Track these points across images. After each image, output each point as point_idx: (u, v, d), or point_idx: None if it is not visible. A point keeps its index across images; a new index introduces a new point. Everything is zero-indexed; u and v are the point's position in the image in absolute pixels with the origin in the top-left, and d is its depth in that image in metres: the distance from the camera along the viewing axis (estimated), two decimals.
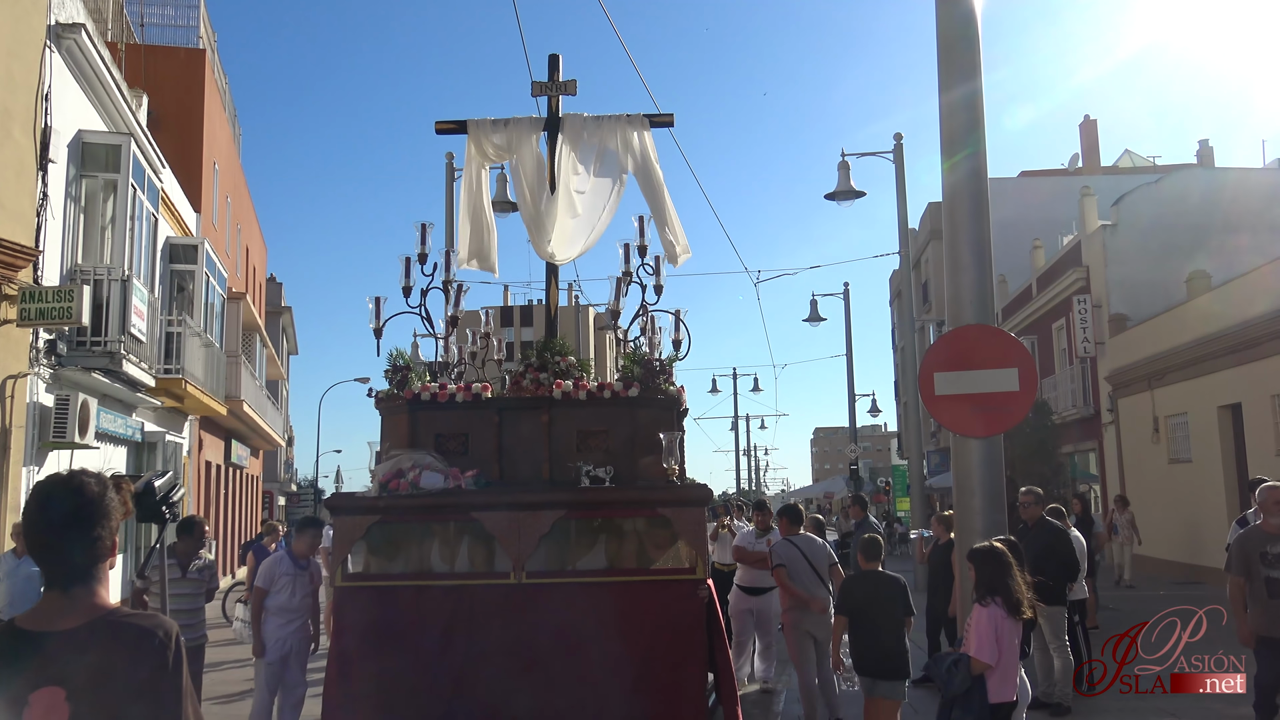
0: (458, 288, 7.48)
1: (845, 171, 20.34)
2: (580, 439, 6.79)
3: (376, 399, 7.10)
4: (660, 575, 6.57)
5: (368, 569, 6.67)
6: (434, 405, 6.86)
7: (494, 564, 6.49)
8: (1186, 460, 20.63)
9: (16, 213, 11.17)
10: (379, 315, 7.27)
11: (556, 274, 7.91)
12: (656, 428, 6.72)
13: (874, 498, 51.82)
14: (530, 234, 7.80)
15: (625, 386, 6.83)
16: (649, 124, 7.89)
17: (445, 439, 6.84)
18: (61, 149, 12.42)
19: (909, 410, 24.61)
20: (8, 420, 10.93)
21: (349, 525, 6.49)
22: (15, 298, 10.90)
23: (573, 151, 7.84)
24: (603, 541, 6.78)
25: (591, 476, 6.52)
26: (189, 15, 24.05)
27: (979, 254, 6.29)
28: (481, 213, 8.08)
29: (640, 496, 6.54)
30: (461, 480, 6.47)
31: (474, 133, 7.92)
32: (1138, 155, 41.37)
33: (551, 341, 7.33)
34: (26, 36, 11.52)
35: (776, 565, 8.39)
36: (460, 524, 6.63)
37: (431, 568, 6.70)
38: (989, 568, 5.18)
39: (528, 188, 7.77)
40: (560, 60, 8.06)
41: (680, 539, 6.48)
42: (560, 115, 7.90)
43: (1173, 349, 20.44)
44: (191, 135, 21.49)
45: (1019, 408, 5.84)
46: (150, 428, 16.84)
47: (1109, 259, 24.52)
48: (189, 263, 18.33)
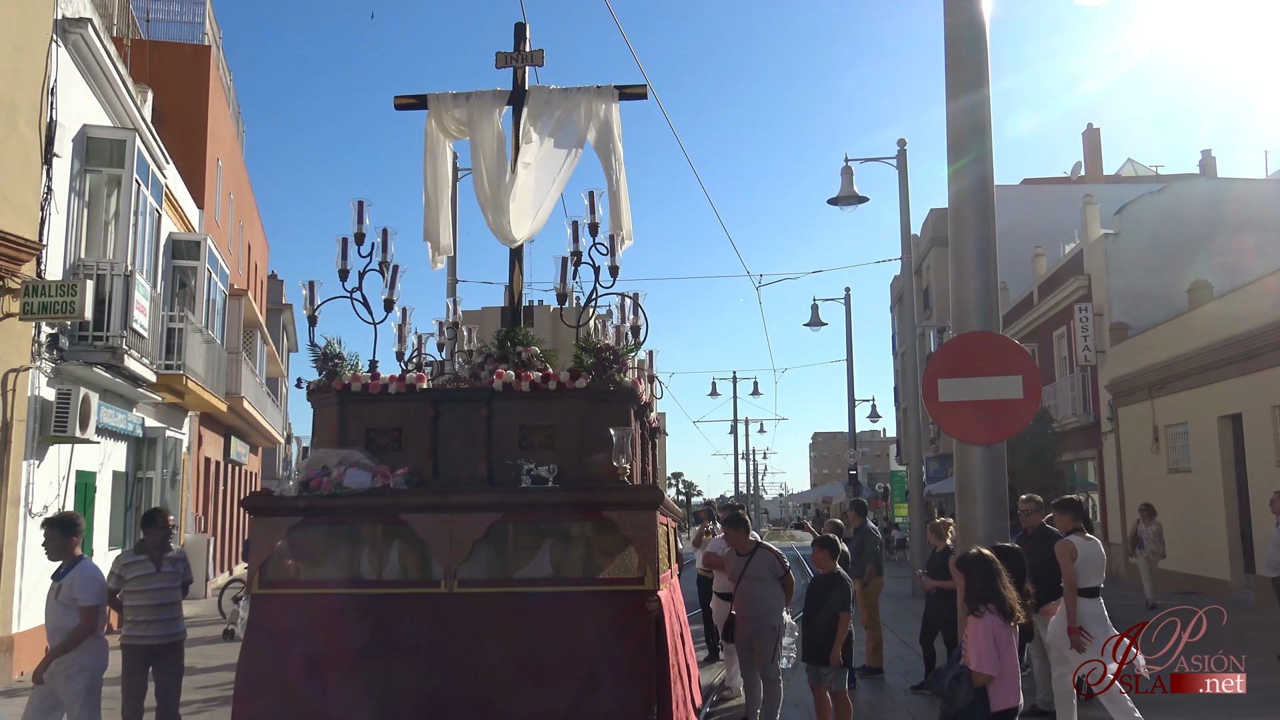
0: (394, 269, 6.94)
1: (849, 176, 20.39)
2: (523, 435, 6.28)
3: (308, 390, 6.63)
4: (606, 585, 6.00)
5: (288, 575, 6.09)
6: (365, 397, 6.36)
7: (428, 571, 5.96)
8: (1186, 470, 20.64)
9: (21, 206, 11.17)
10: (313, 300, 6.78)
11: (520, 258, 7.51)
12: (608, 423, 6.19)
13: (872, 503, 51.88)
14: (486, 215, 7.42)
15: (573, 378, 6.33)
16: (619, 95, 7.50)
17: (377, 434, 6.34)
18: (66, 143, 12.44)
19: (908, 416, 24.61)
20: (9, 414, 10.93)
21: (267, 527, 5.97)
22: (18, 291, 10.90)
23: (532, 125, 7.44)
24: (546, 548, 6.23)
25: (533, 476, 6.03)
26: (194, 11, 24.07)
27: (984, 261, 6.27)
28: (436, 193, 7.68)
29: (584, 498, 6.02)
30: (390, 479, 6.00)
31: (434, 108, 7.58)
32: (1140, 164, 41.38)
33: (514, 331, 6.89)
34: (33, 30, 11.52)
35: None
36: (389, 527, 6.09)
37: (359, 574, 6.12)
38: (978, 574, 5.14)
39: (485, 165, 7.41)
40: (527, 29, 7.64)
41: (630, 545, 5.92)
42: (526, 87, 7.51)
43: (1173, 358, 20.45)
44: (195, 131, 21.49)
45: (1023, 415, 5.84)
46: (150, 423, 16.84)
47: (1110, 268, 24.54)
48: (191, 259, 18.33)
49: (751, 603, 7.91)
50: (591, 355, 6.45)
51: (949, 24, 6.49)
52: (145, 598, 6.97)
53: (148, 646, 6.95)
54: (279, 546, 6.03)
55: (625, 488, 6.07)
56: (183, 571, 7.31)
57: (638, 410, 6.83)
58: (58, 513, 8.52)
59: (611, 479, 6.07)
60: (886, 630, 12.23)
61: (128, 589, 7.00)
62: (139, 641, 6.95)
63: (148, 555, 7.10)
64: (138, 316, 13.19)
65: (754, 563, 8.00)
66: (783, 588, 8.01)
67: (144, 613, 6.96)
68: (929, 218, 37.86)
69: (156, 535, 7.20)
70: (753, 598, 7.92)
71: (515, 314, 7.33)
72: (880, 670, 10.96)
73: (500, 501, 5.97)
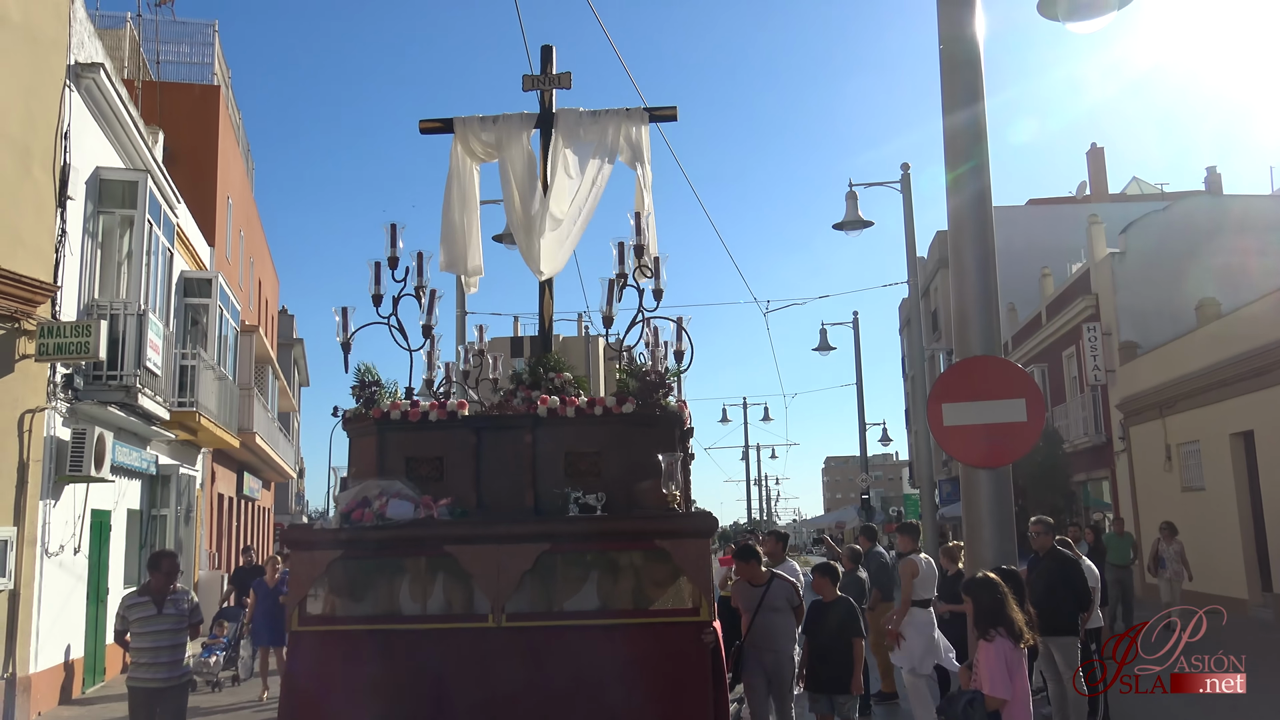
0: (431, 294, 6.78)
1: (853, 201, 20.45)
2: (569, 462, 6.10)
3: (343, 419, 6.43)
4: (660, 617, 5.80)
5: (329, 611, 5.89)
6: (405, 426, 6.17)
7: (472, 605, 5.78)
8: (1199, 488, 20.54)
9: (35, 249, 11.34)
10: (346, 327, 6.64)
11: (550, 284, 7.33)
12: (655, 449, 5.98)
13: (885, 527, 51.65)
14: (518, 239, 7.28)
15: (619, 402, 6.14)
16: (649, 118, 7.35)
17: (417, 463, 6.16)
18: (80, 186, 12.64)
19: (920, 439, 24.56)
20: (25, 454, 11.04)
21: (307, 561, 5.78)
22: (34, 333, 11.04)
23: (567, 149, 7.31)
24: (594, 579, 6.02)
25: (581, 504, 5.86)
26: (204, 53, 24.39)
27: (984, 284, 6.27)
28: (465, 216, 7.51)
29: (635, 527, 5.85)
30: (434, 509, 5.82)
31: (460, 131, 7.43)
32: (1145, 183, 41.45)
33: (545, 357, 6.72)
34: (47, 76, 11.75)
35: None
36: (433, 559, 5.89)
37: (400, 609, 5.95)
38: (986, 598, 5.17)
39: (517, 188, 7.26)
40: (554, 52, 7.52)
41: (682, 575, 5.73)
42: (554, 110, 7.39)
43: (1183, 376, 20.41)
44: (206, 170, 21.75)
45: (1027, 438, 5.87)
46: (164, 460, 16.95)
47: (1118, 286, 24.55)
48: (203, 296, 18.50)
49: (770, 635, 7.80)
50: (636, 379, 6.27)
51: (944, 41, 6.51)
52: (146, 640, 7.01)
53: (150, 689, 6.97)
54: (316, 582, 5.84)
55: (677, 515, 5.90)
56: (188, 613, 7.24)
57: (681, 435, 6.66)
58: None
59: (661, 506, 5.88)
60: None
61: (132, 630, 7.03)
62: (141, 684, 7.00)
63: (150, 597, 7.10)
64: (151, 355, 13.33)
65: (771, 593, 7.87)
66: (795, 616, 7.96)
67: (145, 655, 7.00)
68: (935, 240, 37.97)
69: (159, 579, 7.18)
70: (770, 629, 7.81)
71: (546, 340, 7.17)
72: (895, 696, 10.92)
73: (549, 531, 5.78)
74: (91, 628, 13.45)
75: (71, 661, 12.67)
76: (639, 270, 6.69)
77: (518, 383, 6.49)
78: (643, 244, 6.74)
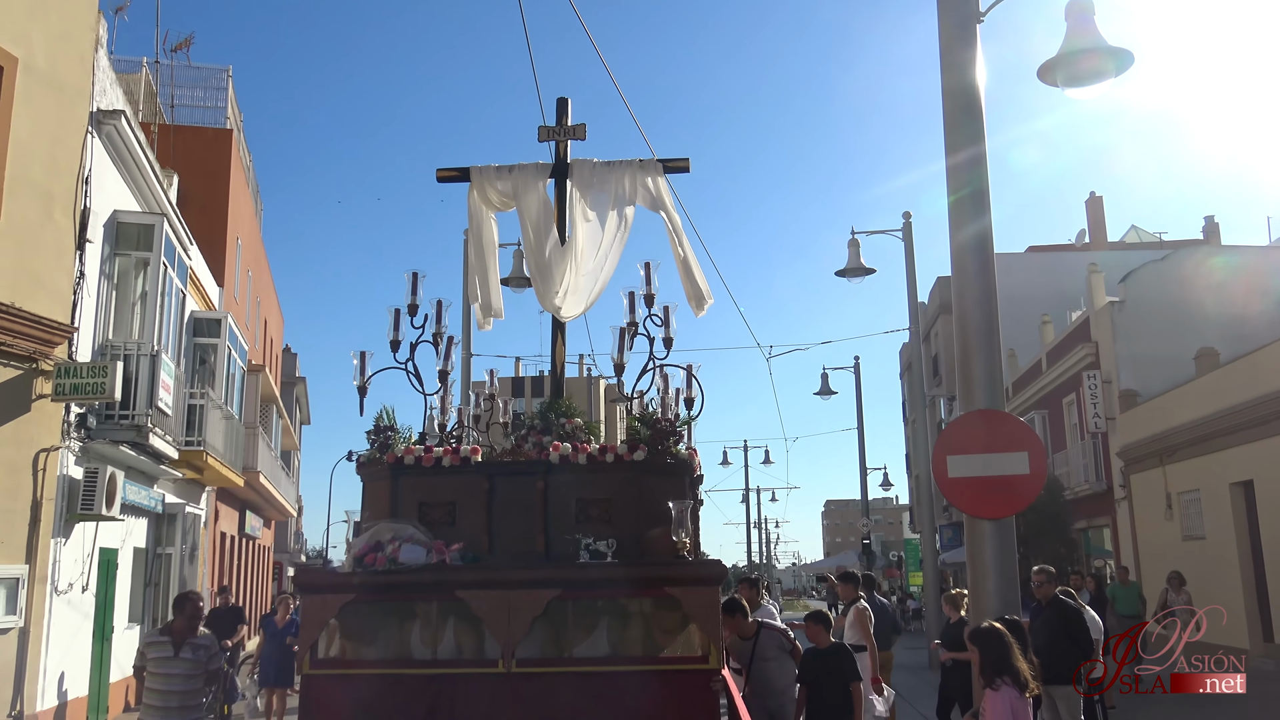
0: (448, 340, 6.96)
1: (855, 249, 20.74)
2: (580, 508, 6.17)
3: (358, 464, 6.56)
4: (669, 664, 5.86)
5: (340, 654, 5.98)
6: (418, 470, 6.27)
7: (483, 650, 5.82)
8: (1200, 537, 20.58)
9: (55, 291, 11.55)
10: (363, 371, 6.79)
11: (563, 330, 7.41)
12: (665, 495, 6.07)
13: (886, 572, 51.40)
14: (535, 284, 7.40)
15: (630, 449, 6.23)
16: (663, 169, 7.48)
17: (430, 508, 6.24)
18: (98, 229, 12.88)
19: (921, 484, 24.63)
20: (39, 493, 11.17)
21: (319, 605, 5.83)
22: (50, 373, 11.22)
23: (583, 199, 7.48)
24: (604, 625, 6.07)
25: (591, 550, 5.91)
26: (217, 97, 24.82)
27: (987, 337, 6.42)
28: (483, 259, 7.72)
29: (644, 574, 5.90)
30: (446, 554, 5.87)
31: (477, 180, 7.58)
32: (1144, 231, 41.83)
33: (556, 402, 6.82)
34: (70, 123, 12.04)
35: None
36: (444, 604, 5.93)
37: (412, 653, 6.00)
38: (992, 647, 5.25)
39: (533, 235, 7.40)
40: (569, 104, 7.73)
41: (692, 622, 5.78)
42: (569, 161, 7.56)
43: (1183, 425, 20.53)
44: (217, 212, 22.05)
45: (1029, 490, 6.02)
46: (171, 499, 17.04)
47: (1117, 335, 24.76)
48: (212, 336, 18.71)
49: (767, 682, 7.85)
50: (648, 426, 6.35)
51: (946, 90, 6.68)
52: (158, 681, 6.97)
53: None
54: (327, 625, 5.90)
55: (687, 563, 5.94)
56: (205, 660, 7.17)
57: (691, 482, 6.74)
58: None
59: (671, 554, 5.94)
60: (902, 703, 12.21)
61: (148, 669, 7.00)
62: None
63: (170, 638, 7.03)
64: (163, 395, 13.49)
65: (760, 644, 7.95)
66: (793, 659, 8.00)
67: (155, 697, 6.96)
68: (936, 285, 38.25)
69: (181, 621, 7.11)
70: (767, 678, 7.86)
71: (558, 385, 7.24)
72: None
73: (559, 578, 5.83)
74: (96, 666, 13.47)
75: (76, 700, 12.68)
76: (649, 319, 6.82)
77: (530, 428, 6.57)
78: (653, 293, 6.87)
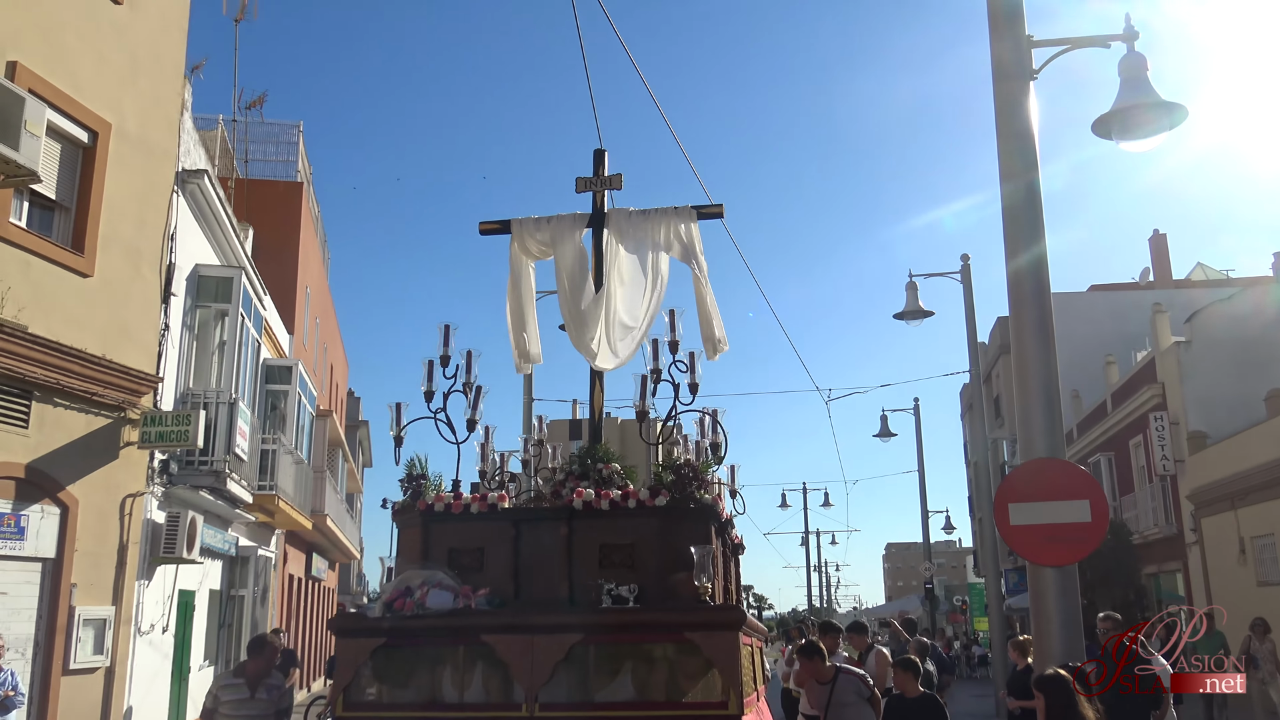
0: (476, 390, 7.12)
1: (913, 292, 20.74)
2: (603, 554, 6.26)
3: (393, 510, 6.78)
4: (689, 710, 5.86)
5: (375, 697, 6.13)
6: (448, 517, 6.45)
7: (508, 694, 5.89)
8: (1275, 584, 20.05)
9: (142, 343, 12.13)
10: (399, 421, 7.01)
11: (601, 377, 7.52)
12: (688, 541, 6.16)
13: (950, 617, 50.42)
14: (570, 332, 7.60)
15: (652, 495, 6.33)
16: (696, 216, 7.65)
17: (459, 553, 6.40)
18: (181, 282, 13.50)
19: (984, 527, 24.31)
20: (126, 536, 11.66)
21: (352, 649, 6.04)
22: (138, 422, 11.75)
23: (620, 247, 7.61)
24: (628, 670, 6.09)
25: (614, 596, 5.98)
26: (288, 150, 25.78)
27: (1047, 385, 6.48)
28: (522, 308, 7.91)
29: (664, 619, 5.97)
30: (472, 599, 6.02)
31: (517, 232, 7.82)
32: (1210, 268, 41.04)
33: (594, 448, 6.91)
34: (158, 183, 12.70)
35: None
36: (470, 648, 6.05)
37: (441, 697, 6.07)
38: (1058, 696, 5.27)
39: (569, 284, 7.62)
40: (606, 155, 7.96)
41: (713, 667, 5.81)
42: (605, 210, 7.77)
43: (1255, 468, 20.10)
44: (288, 262, 22.84)
45: (1092, 538, 6.07)
46: (244, 542, 17.56)
47: (1184, 375, 24.33)
48: (283, 383, 19.30)
49: None
50: (672, 472, 6.44)
51: (1001, 131, 6.78)
52: None
53: None
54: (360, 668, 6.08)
55: (706, 608, 6.00)
56: (277, 700, 7.34)
57: (719, 527, 6.83)
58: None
59: (693, 599, 6.00)
60: None
61: (221, 712, 7.10)
62: None
63: (245, 679, 7.18)
64: (239, 441, 13.99)
65: (839, 688, 7.93)
66: (872, 707, 7.96)
67: None
68: (996, 325, 37.91)
69: (259, 663, 7.27)
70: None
71: (596, 431, 7.39)
72: None
73: (580, 623, 5.94)
74: (174, 706, 13.89)
75: None
76: (674, 365, 6.95)
77: (567, 474, 6.75)
78: (677, 340, 7.01)
